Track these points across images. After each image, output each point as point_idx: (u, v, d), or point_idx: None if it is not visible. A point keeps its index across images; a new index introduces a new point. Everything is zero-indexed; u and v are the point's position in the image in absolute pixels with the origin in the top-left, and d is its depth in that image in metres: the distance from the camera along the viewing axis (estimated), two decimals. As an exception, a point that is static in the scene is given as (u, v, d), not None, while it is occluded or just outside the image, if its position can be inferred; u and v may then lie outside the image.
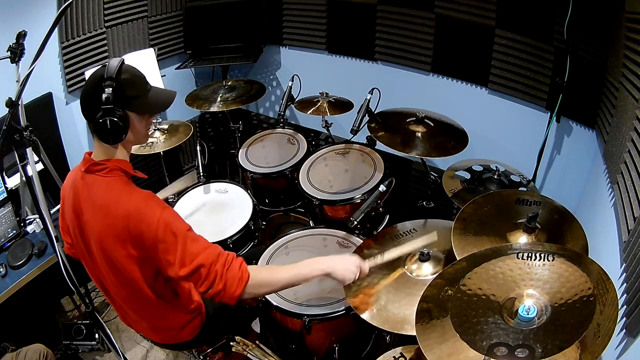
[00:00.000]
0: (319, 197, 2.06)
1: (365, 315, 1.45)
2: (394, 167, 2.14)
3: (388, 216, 2.13)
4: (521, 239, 1.40)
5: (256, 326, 2.01)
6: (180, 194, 2.33)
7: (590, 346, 0.90)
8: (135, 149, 2.27)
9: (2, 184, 2.12)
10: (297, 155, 2.39)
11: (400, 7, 2.49)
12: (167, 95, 1.35)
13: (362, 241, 1.85)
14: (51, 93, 2.49)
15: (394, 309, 1.45)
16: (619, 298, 1.00)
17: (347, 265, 1.39)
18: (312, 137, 2.64)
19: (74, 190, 1.33)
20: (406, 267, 1.59)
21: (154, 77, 2.74)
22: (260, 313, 1.86)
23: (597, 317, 0.90)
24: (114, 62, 1.20)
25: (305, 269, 1.36)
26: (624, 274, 1.24)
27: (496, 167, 2.01)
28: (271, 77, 3.36)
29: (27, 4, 2.27)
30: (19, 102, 1.49)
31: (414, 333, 1.08)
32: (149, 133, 2.49)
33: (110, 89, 1.17)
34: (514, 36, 2.12)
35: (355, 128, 2.04)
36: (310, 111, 2.42)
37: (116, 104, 1.19)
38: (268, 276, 1.34)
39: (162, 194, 2.23)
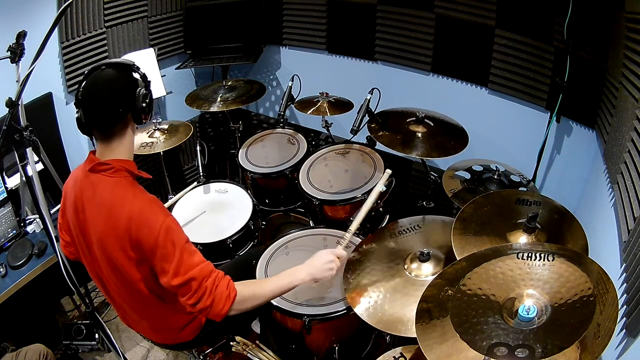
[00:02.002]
0: (319, 197, 2.06)
1: (364, 315, 1.45)
2: (394, 167, 2.13)
3: (388, 216, 2.13)
4: (521, 239, 1.40)
5: (256, 327, 2.01)
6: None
7: (590, 346, 0.90)
8: (135, 149, 2.27)
9: (2, 184, 2.12)
10: (297, 155, 2.39)
11: (400, 7, 2.49)
12: None
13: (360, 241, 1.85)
14: (51, 93, 2.49)
15: (393, 310, 1.45)
16: (619, 298, 1.00)
17: (323, 264, 1.45)
18: (312, 137, 2.64)
19: (76, 189, 1.33)
20: (406, 267, 1.59)
21: (154, 77, 2.74)
22: (260, 313, 1.86)
23: (597, 317, 0.90)
24: (117, 59, 1.32)
25: (286, 281, 1.41)
26: (624, 274, 1.24)
27: (496, 167, 2.01)
28: (271, 77, 3.36)
29: (27, 4, 2.27)
30: (19, 102, 1.49)
31: (414, 334, 1.09)
32: (149, 134, 2.53)
33: (141, 70, 1.32)
34: (514, 36, 2.12)
35: (355, 128, 2.04)
36: (310, 111, 2.42)
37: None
38: (253, 292, 1.37)
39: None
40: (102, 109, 1.26)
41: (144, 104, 1.29)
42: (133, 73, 1.30)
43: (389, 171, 1.69)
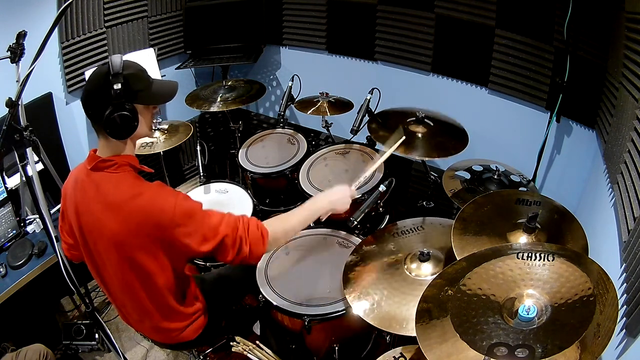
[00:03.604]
0: (319, 197, 2.05)
1: (363, 315, 1.45)
2: (394, 167, 2.14)
3: (388, 216, 2.13)
4: (521, 239, 1.40)
5: (257, 329, 2.01)
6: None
7: (590, 346, 0.90)
8: (135, 149, 2.27)
9: (2, 184, 2.12)
10: (297, 155, 2.39)
11: (400, 7, 2.49)
12: (170, 85, 1.38)
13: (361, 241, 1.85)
14: (51, 93, 2.49)
15: (393, 309, 1.45)
16: (619, 298, 1.00)
17: (343, 196, 1.55)
18: (312, 137, 2.64)
19: (78, 189, 1.32)
20: (406, 267, 1.59)
21: (154, 77, 2.74)
22: (260, 314, 1.86)
23: (597, 317, 0.90)
24: (116, 58, 1.21)
25: (310, 210, 1.48)
26: (624, 274, 1.24)
27: (496, 167, 2.01)
28: (271, 77, 3.36)
29: (27, 4, 2.27)
30: (19, 102, 1.49)
31: (413, 333, 1.08)
32: (153, 130, 2.52)
33: (119, 84, 1.19)
34: (514, 36, 2.12)
35: (355, 128, 2.04)
36: (310, 111, 2.42)
37: (125, 98, 1.21)
38: (282, 227, 1.42)
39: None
40: (85, 103, 1.26)
41: (109, 124, 1.20)
42: (112, 85, 1.18)
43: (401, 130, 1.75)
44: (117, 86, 1.18)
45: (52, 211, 2.06)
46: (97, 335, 2.37)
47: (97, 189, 1.28)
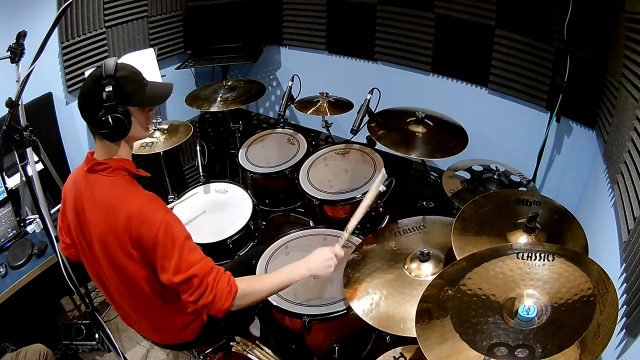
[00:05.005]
0: (319, 197, 2.06)
1: (363, 315, 1.45)
2: (394, 167, 2.14)
3: (388, 216, 2.13)
4: (521, 239, 1.40)
5: (255, 330, 2.01)
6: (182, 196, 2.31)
7: (590, 346, 0.90)
8: (135, 149, 2.27)
9: (2, 184, 2.12)
10: (297, 155, 2.39)
11: (400, 7, 2.49)
12: (165, 87, 1.36)
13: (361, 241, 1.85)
14: (51, 93, 2.49)
15: (393, 309, 1.45)
16: (619, 298, 1.00)
17: (322, 260, 1.45)
18: (312, 137, 2.64)
19: (76, 190, 1.33)
20: (406, 267, 1.59)
21: (154, 77, 2.74)
22: (259, 314, 1.86)
23: (597, 317, 0.90)
24: (109, 61, 1.22)
25: (286, 276, 1.42)
26: (624, 274, 1.24)
27: (496, 167, 2.01)
28: (271, 77, 3.36)
29: (27, 4, 2.27)
30: (19, 102, 1.49)
31: (413, 333, 1.08)
32: (150, 131, 2.52)
33: (110, 86, 1.19)
34: (514, 36, 2.12)
35: (355, 128, 2.04)
36: (310, 111, 2.42)
37: (117, 100, 1.20)
38: (254, 288, 1.38)
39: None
40: (80, 106, 1.26)
41: (101, 126, 1.21)
42: (104, 88, 1.19)
43: (384, 172, 1.66)
44: (109, 89, 1.19)
45: (52, 211, 2.06)
46: (97, 335, 2.38)
47: (92, 191, 1.29)
